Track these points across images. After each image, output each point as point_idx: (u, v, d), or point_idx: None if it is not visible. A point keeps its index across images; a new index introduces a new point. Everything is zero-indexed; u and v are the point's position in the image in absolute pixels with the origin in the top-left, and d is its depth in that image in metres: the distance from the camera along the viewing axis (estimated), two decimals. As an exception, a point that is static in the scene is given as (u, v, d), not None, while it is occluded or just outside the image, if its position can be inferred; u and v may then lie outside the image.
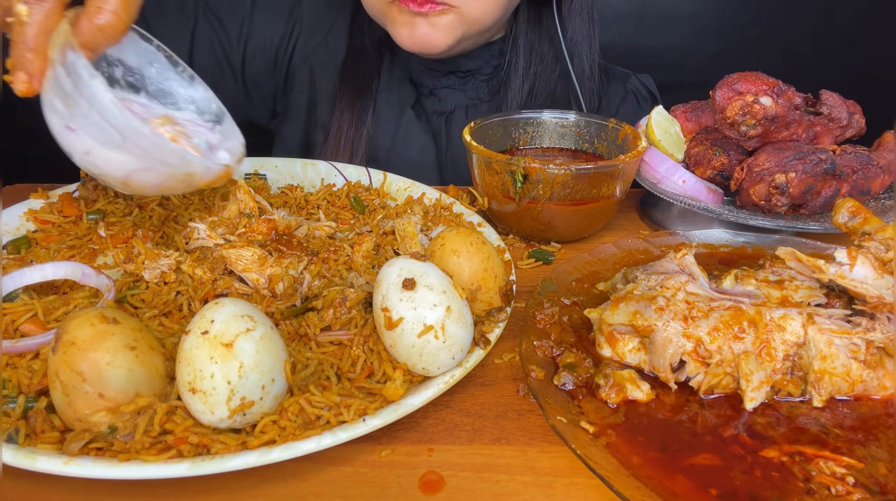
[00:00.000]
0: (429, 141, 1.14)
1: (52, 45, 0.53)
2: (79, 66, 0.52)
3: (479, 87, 1.13)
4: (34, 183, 0.87)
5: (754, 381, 0.54)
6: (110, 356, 0.46)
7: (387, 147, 1.12)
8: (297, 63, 1.15)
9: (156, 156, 0.57)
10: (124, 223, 0.78)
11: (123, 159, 0.57)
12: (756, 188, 0.81)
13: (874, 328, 0.56)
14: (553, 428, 0.50)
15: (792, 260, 0.61)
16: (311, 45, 1.15)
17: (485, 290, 0.61)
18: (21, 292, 0.63)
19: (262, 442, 0.47)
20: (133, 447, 0.46)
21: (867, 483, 0.47)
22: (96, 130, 0.55)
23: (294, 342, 0.58)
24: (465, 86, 1.13)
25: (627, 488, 0.45)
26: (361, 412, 0.51)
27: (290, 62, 1.15)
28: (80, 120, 0.55)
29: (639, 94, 1.21)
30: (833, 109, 0.85)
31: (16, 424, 0.48)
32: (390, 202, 0.88)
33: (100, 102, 0.53)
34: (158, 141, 0.58)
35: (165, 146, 0.59)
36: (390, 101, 1.13)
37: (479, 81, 1.13)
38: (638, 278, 0.62)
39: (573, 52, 1.09)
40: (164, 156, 0.58)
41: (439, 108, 1.14)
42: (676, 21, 1.95)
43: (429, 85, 1.13)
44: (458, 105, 1.14)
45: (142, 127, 0.55)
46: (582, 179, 0.78)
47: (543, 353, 0.59)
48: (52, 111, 0.56)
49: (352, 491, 0.48)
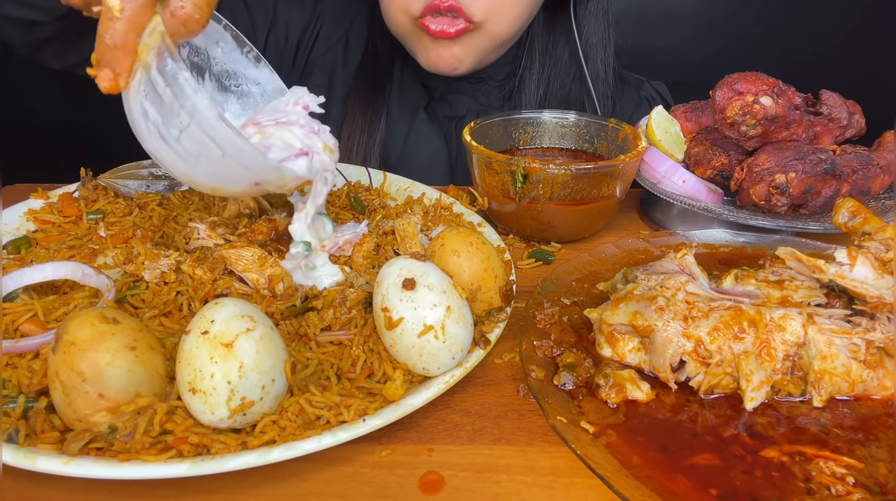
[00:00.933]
0: (440, 144, 1.13)
1: (144, 46, 0.51)
2: (181, 78, 0.51)
3: (490, 93, 1.13)
4: (34, 183, 0.87)
5: (754, 381, 0.54)
6: (110, 356, 0.46)
7: (398, 149, 1.12)
8: (316, 56, 1.15)
9: (253, 169, 0.56)
10: (124, 223, 0.78)
11: (218, 171, 0.56)
12: (756, 188, 0.81)
13: (874, 328, 0.56)
14: (553, 428, 0.50)
15: (792, 260, 0.61)
16: (333, 39, 1.14)
17: (485, 290, 0.61)
18: (21, 292, 0.63)
19: (262, 442, 0.47)
20: (133, 447, 0.46)
21: (867, 483, 0.47)
22: (194, 142, 0.53)
23: (294, 342, 0.58)
24: (477, 92, 1.12)
25: (627, 488, 0.45)
26: (361, 412, 0.51)
27: (310, 54, 1.15)
28: (176, 131, 0.53)
29: (653, 101, 1.21)
30: (833, 109, 0.85)
31: (16, 424, 0.48)
32: (390, 202, 0.88)
33: (204, 118, 0.52)
34: (259, 159, 0.56)
35: (265, 163, 0.57)
36: (402, 103, 1.13)
37: (492, 87, 1.13)
38: (638, 278, 0.62)
39: (588, 55, 1.09)
40: (262, 171, 0.57)
41: (450, 113, 1.14)
42: (676, 21, 1.95)
43: (440, 90, 1.12)
44: (470, 111, 1.13)
45: (244, 145, 0.54)
46: (582, 180, 0.78)
47: (543, 353, 0.59)
48: (142, 116, 0.54)
49: (352, 491, 0.48)
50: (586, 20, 1.09)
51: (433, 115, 1.14)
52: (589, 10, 1.08)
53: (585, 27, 1.09)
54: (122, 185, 0.83)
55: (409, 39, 1.01)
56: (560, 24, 1.11)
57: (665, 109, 1.19)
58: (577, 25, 1.07)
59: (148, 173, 0.85)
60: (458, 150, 1.14)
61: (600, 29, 1.10)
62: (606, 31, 1.11)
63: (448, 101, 1.13)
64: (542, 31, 1.10)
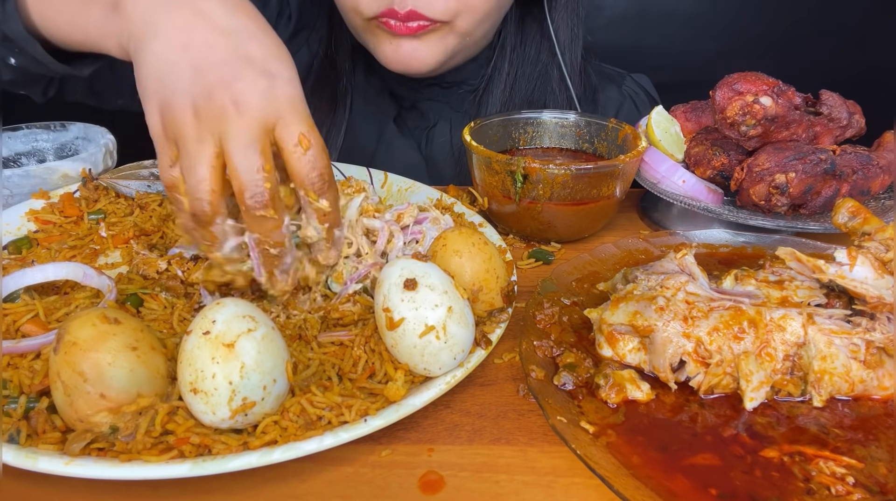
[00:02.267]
0: (414, 155, 1.08)
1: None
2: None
3: (463, 97, 1.08)
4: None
5: (754, 381, 0.54)
6: (112, 357, 0.46)
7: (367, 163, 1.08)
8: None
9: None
10: (125, 224, 0.78)
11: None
12: (756, 188, 0.81)
13: (874, 328, 0.56)
14: (553, 428, 0.50)
15: (792, 260, 0.61)
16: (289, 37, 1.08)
17: (486, 290, 0.61)
18: (22, 292, 0.63)
19: (263, 443, 0.47)
20: (134, 447, 0.46)
21: (867, 483, 0.47)
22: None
23: (295, 343, 0.59)
24: (450, 97, 1.07)
25: (627, 488, 0.45)
26: (363, 412, 0.51)
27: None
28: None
29: (636, 97, 1.19)
30: (833, 109, 0.85)
31: (17, 424, 0.48)
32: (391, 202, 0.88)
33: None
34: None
35: None
36: (368, 115, 1.07)
37: (466, 91, 1.07)
38: (638, 278, 0.62)
39: (563, 54, 1.05)
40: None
41: (422, 122, 1.09)
42: (676, 21, 1.95)
43: (410, 98, 1.07)
44: (442, 118, 1.08)
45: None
46: (582, 180, 0.78)
47: (543, 353, 0.59)
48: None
49: (352, 491, 0.49)
50: (559, 18, 1.04)
51: (403, 125, 1.09)
52: (560, 5, 1.04)
53: (555, 22, 1.04)
54: (124, 185, 0.84)
55: (366, 35, 0.94)
56: (530, 22, 1.06)
57: (648, 102, 1.18)
58: (551, 19, 1.03)
59: (149, 173, 0.85)
60: (435, 159, 1.09)
61: (571, 27, 1.06)
62: (577, 30, 1.07)
63: (419, 109, 1.08)
64: (513, 29, 1.05)
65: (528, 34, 1.06)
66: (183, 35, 0.53)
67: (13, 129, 0.92)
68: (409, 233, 0.70)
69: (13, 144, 0.92)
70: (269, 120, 0.52)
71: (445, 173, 1.09)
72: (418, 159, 1.09)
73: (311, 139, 0.54)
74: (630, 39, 1.92)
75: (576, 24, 1.06)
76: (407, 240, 0.70)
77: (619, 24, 1.93)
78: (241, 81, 0.52)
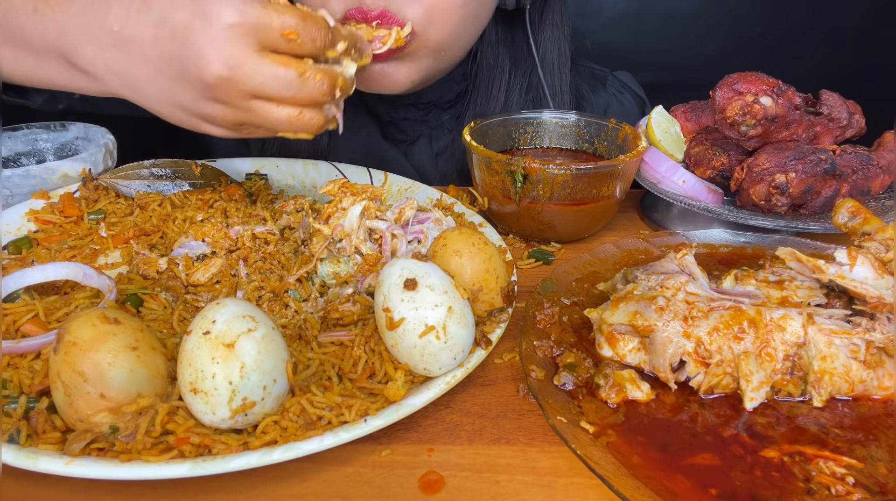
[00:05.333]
0: (403, 163, 1.09)
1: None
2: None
3: (441, 115, 1.07)
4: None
5: (754, 381, 0.54)
6: (112, 357, 0.46)
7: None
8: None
9: None
10: (125, 224, 0.78)
11: None
12: (756, 188, 0.81)
13: (874, 328, 0.56)
14: (553, 428, 0.50)
15: (792, 260, 0.61)
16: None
17: (486, 290, 0.61)
18: (22, 292, 0.63)
19: (263, 443, 0.47)
20: (134, 447, 0.46)
21: (867, 483, 0.47)
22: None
23: (295, 343, 0.59)
24: (427, 116, 1.07)
25: (627, 488, 0.45)
26: (363, 412, 0.51)
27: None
28: None
29: (620, 96, 1.17)
30: (833, 109, 0.85)
31: (17, 424, 0.48)
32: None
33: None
34: None
35: None
36: (351, 141, 1.06)
37: (442, 110, 1.06)
38: (638, 278, 0.62)
39: (545, 70, 1.03)
40: None
41: (402, 137, 1.09)
42: (677, 21, 1.95)
43: (388, 116, 1.07)
44: (422, 135, 1.09)
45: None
46: (582, 180, 0.78)
47: (543, 353, 0.59)
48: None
49: (352, 491, 0.49)
50: (542, 34, 1.02)
51: (386, 136, 1.09)
52: (544, 22, 1.01)
53: (542, 41, 1.02)
54: (123, 185, 0.84)
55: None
56: (513, 39, 1.03)
57: (633, 99, 1.17)
58: (534, 39, 1.01)
59: (149, 173, 0.85)
60: (420, 170, 1.10)
61: (556, 44, 1.03)
62: (564, 47, 1.04)
63: (398, 125, 1.07)
64: (494, 45, 1.02)
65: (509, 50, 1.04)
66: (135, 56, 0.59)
67: (13, 129, 0.92)
68: (410, 233, 0.71)
69: (13, 144, 0.92)
70: (250, 42, 0.56)
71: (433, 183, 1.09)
72: (407, 167, 1.10)
73: (291, 29, 0.57)
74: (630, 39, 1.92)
75: (562, 42, 1.04)
76: (409, 240, 0.70)
77: (619, 24, 1.93)
78: (198, 39, 0.55)
